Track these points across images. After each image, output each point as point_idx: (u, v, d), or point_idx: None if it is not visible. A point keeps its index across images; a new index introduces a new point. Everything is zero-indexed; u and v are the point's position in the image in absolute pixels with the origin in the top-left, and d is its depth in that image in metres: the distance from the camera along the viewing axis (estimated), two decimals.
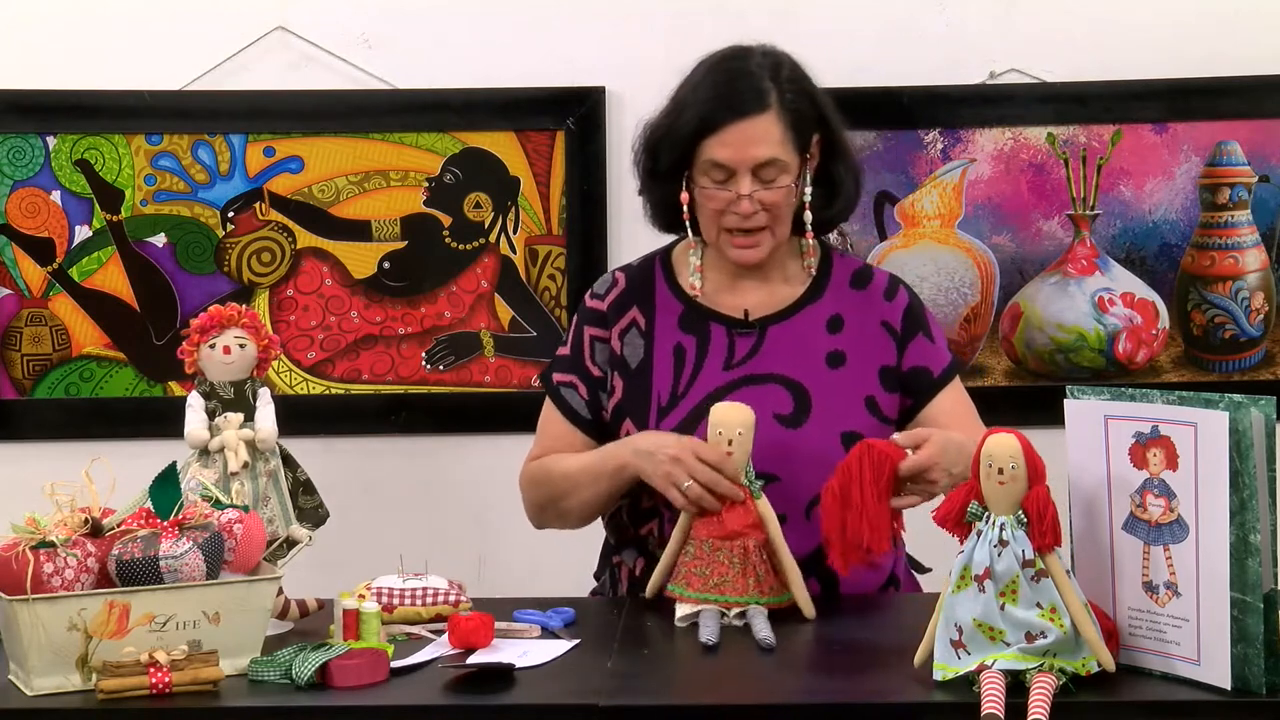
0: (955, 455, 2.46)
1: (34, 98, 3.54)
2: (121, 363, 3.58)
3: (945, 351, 2.77)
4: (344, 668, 2.17)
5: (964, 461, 2.41)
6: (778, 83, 2.64)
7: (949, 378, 2.74)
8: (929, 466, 2.42)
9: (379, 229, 3.58)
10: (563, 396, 2.76)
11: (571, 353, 2.77)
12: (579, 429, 2.74)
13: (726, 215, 2.65)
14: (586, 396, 2.74)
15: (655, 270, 2.78)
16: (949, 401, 2.73)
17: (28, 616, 2.14)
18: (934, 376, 2.73)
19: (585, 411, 2.74)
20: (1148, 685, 2.11)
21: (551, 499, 2.72)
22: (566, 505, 2.71)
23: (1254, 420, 2.03)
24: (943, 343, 2.78)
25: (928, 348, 2.74)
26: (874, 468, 2.39)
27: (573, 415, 2.75)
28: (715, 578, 2.47)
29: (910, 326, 2.73)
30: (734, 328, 2.71)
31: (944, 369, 2.74)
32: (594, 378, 2.74)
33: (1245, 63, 3.49)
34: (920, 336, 2.73)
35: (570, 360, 2.77)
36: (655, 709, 2.13)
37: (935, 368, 2.73)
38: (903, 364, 2.72)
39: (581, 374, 2.75)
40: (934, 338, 2.75)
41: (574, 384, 2.75)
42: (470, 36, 3.55)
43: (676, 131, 2.64)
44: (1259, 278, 3.56)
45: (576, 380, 2.75)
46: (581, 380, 2.75)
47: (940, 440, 2.46)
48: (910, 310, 2.74)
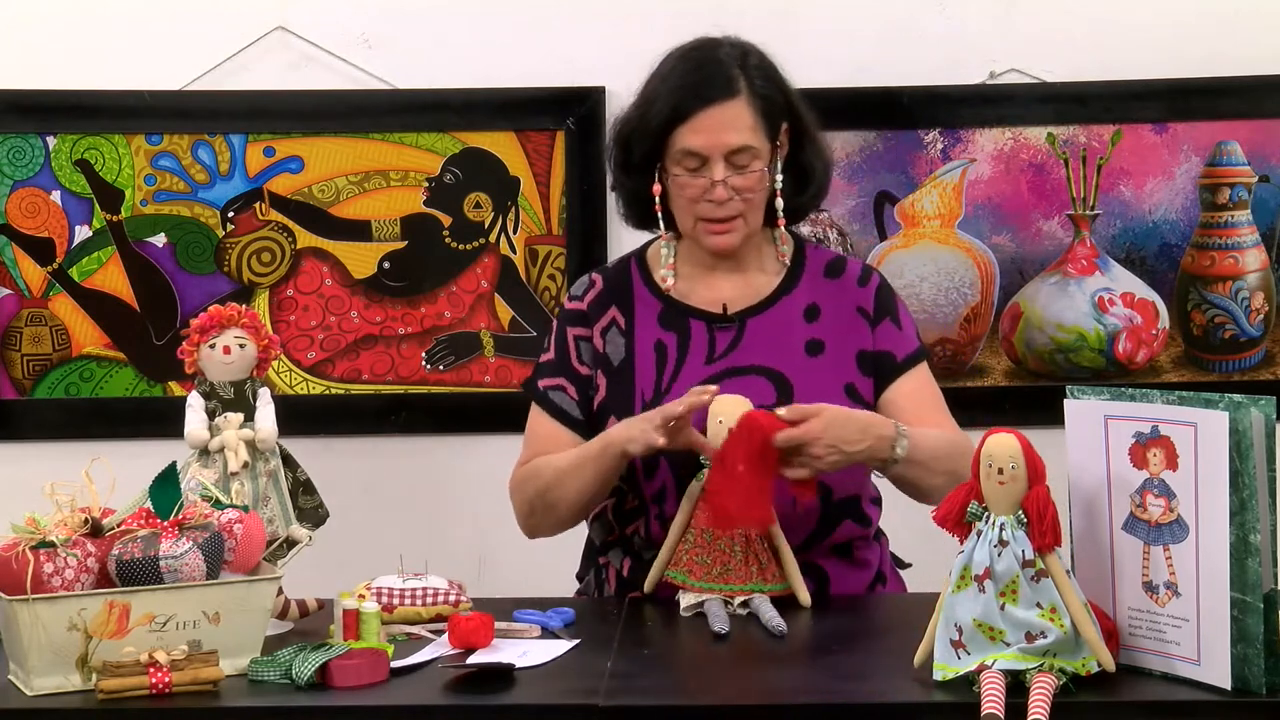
0: (854, 432, 2.49)
1: (34, 98, 3.54)
2: (121, 363, 3.58)
3: (912, 339, 2.76)
4: (344, 668, 2.17)
5: (869, 439, 2.49)
6: (746, 70, 2.65)
7: (911, 364, 2.73)
8: (808, 441, 2.46)
9: (379, 229, 3.58)
10: (551, 400, 2.75)
11: (556, 356, 2.76)
12: (571, 430, 2.73)
13: (701, 204, 2.65)
14: (577, 397, 2.74)
15: (632, 270, 2.79)
16: (909, 386, 2.72)
17: (28, 616, 2.14)
18: (896, 361, 2.72)
19: (577, 412, 2.73)
20: (1148, 685, 2.11)
21: (539, 492, 2.69)
22: (555, 496, 2.68)
23: (1254, 420, 2.03)
24: (910, 330, 2.77)
25: (893, 332, 2.73)
26: (748, 438, 2.44)
27: (564, 417, 2.74)
28: (718, 566, 2.49)
29: (880, 310, 2.74)
30: (713, 322, 2.71)
31: (907, 355, 2.73)
32: (582, 377, 2.74)
33: (1245, 63, 3.49)
34: (888, 321, 2.73)
35: (555, 364, 2.76)
36: (655, 709, 2.13)
37: (899, 353, 2.73)
38: (874, 346, 2.72)
39: (569, 375, 2.75)
40: (901, 324, 2.75)
41: (562, 386, 2.75)
42: (470, 36, 3.55)
43: (648, 122, 2.65)
44: (1259, 278, 3.56)
45: (564, 382, 2.75)
46: (570, 381, 2.74)
47: (830, 416, 2.48)
48: (880, 294, 2.75)
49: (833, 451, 2.48)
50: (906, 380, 2.72)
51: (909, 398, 2.70)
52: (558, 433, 2.74)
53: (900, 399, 2.70)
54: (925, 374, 2.75)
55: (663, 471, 2.64)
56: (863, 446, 2.51)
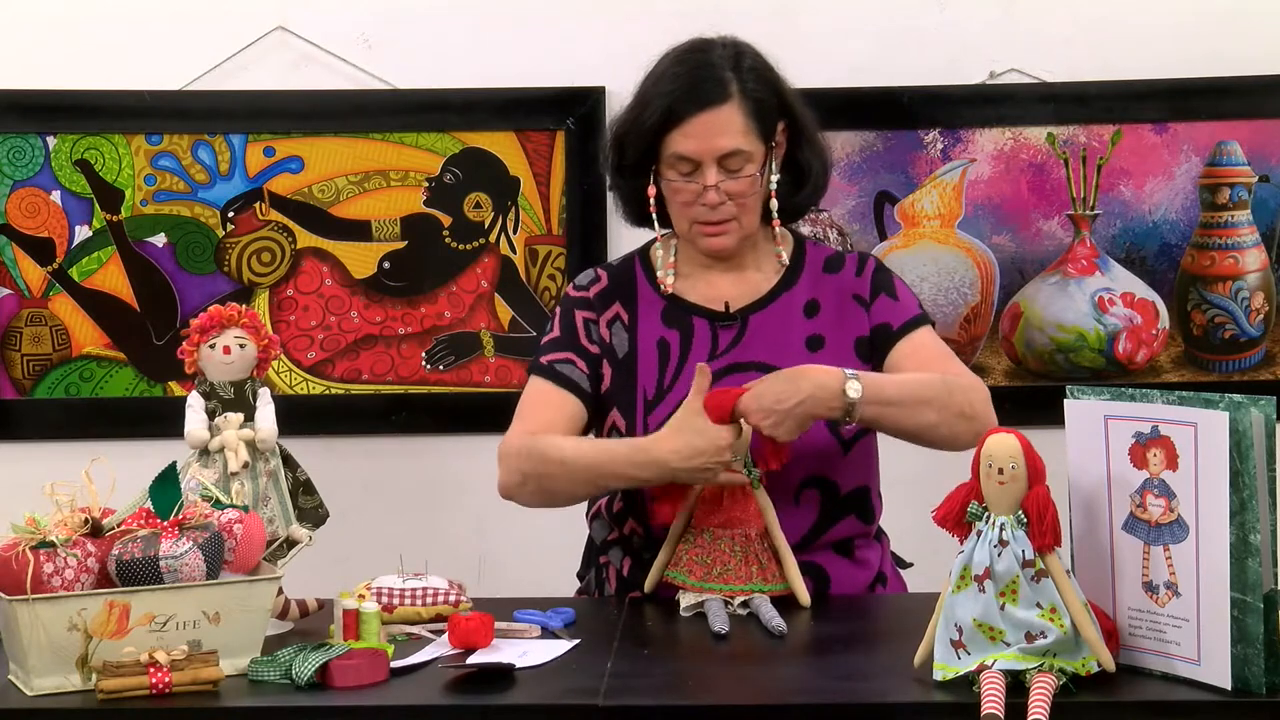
0: (783, 386, 2.50)
1: (34, 98, 3.54)
2: (121, 363, 3.58)
3: (911, 307, 2.73)
4: (344, 668, 2.17)
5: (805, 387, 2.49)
6: (739, 72, 2.64)
7: (910, 329, 2.70)
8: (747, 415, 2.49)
9: (379, 229, 3.58)
10: (559, 371, 2.70)
11: (563, 334, 2.74)
12: (580, 400, 2.69)
13: (694, 207, 2.65)
14: (587, 371, 2.71)
15: (635, 268, 2.79)
16: (909, 347, 2.69)
17: (28, 616, 2.14)
18: (893, 329, 2.70)
19: (587, 385, 2.70)
20: (1148, 685, 2.11)
21: (538, 475, 2.61)
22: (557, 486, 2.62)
23: (1254, 420, 2.03)
24: (909, 300, 2.74)
25: (889, 305, 2.71)
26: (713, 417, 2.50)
27: (573, 387, 2.69)
28: (718, 566, 2.49)
29: (875, 290, 2.72)
30: (716, 320, 2.71)
31: (905, 321, 2.70)
32: (591, 354, 2.72)
33: (1245, 63, 3.49)
34: (883, 296, 2.72)
35: (563, 340, 2.73)
36: (655, 709, 2.13)
37: (895, 321, 2.70)
38: (870, 325, 2.71)
39: (578, 350, 2.72)
40: (898, 296, 2.73)
41: (571, 360, 2.71)
42: (470, 36, 3.55)
43: (641, 125, 2.65)
44: (1259, 278, 3.56)
45: (573, 356, 2.71)
46: (579, 356, 2.71)
47: (756, 384, 2.50)
48: (876, 276, 2.74)
49: (770, 414, 2.47)
50: (905, 343, 2.69)
51: (909, 356, 2.67)
52: (563, 400, 2.69)
53: (901, 360, 2.67)
54: (927, 334, 2.72)
55: None
56: (800, 398, 2.47)
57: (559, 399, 2.69)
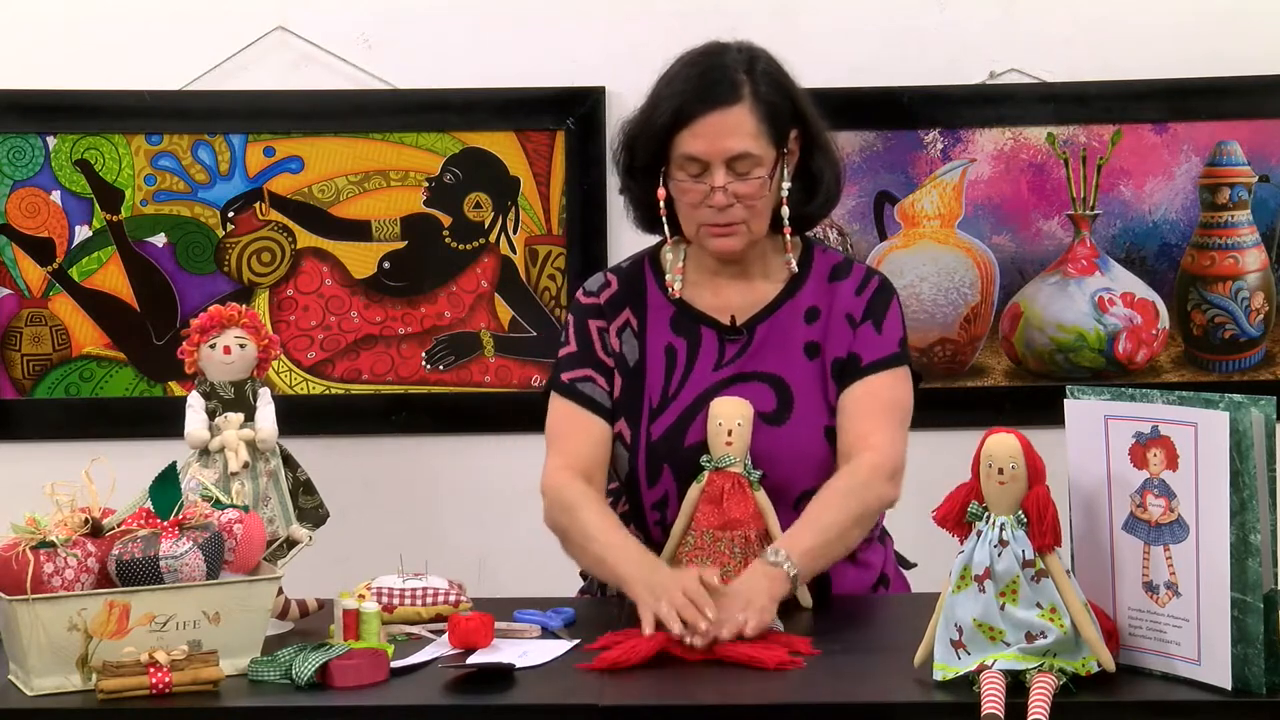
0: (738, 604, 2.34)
1: (34, 98, 3.54)
2: (121, 363, 3.58)
3: (890, 344, 2.68)
4: (344, 668, 2.17)
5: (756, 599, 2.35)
6: (752, 75, 2.63)
7: (875, 369, 2.65)
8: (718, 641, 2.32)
9: (379, 229, 3.58)
10: (581, 391, 2.70)
11: (579, 348, 2.73)
12: (603, 419, 2.68)
13: (702, 209, 2.64)
14: (606, 387, 2.70)
15: (645, 271, 2.77)
16: (861, 390, 2.64)
17: (28, 616, 2.14)
18: (860, 364, 2.66)
19: (608, 402, 2.69)
20: (1148, 685, 2.12)
21: (566, 535, 2.62)
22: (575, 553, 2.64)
23: (1254, 420, 2.03)
24: (892, 336, 2.69)
25: (870, 336, 2.67)
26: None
27: (595, 406, 2.69)
28: (718, 568, 2.49)
29: (866, 314, 2.68)
30: (724, 333, 2.70)
31: (874, 360, 2.66)
32: (608, 367, 2.71)
33: (1245, 63, 3.49)
34: (868, 324, 2.68)
35: (580, 355, 2.72)
36: (655, 709, 2.14)
37: (866, 356, 2.66)
38: (846, 351, 2.67)
39: (595, 365, 2.71)
40: (882, 329, 2.68)
41: (590, 377, 2.70)
42: (470, 36, 3.55)
43: (651, 126, 2.64)
44: (1259, 278, 3.56)
45: (592, 373, 2.71)
46: (597, 371, 2.70)
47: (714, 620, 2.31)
48: (873, 299, 2.69)
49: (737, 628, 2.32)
50: (861, 385, 2.65)
51: (856, 403, 2.64)
52: (590, 424, 2.68)
53: (848, 403, 2.64)
54: (887, 380, 2.66)
55: (665, 479, 2.64)
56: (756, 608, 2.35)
57: (586, 423, 2.69)
